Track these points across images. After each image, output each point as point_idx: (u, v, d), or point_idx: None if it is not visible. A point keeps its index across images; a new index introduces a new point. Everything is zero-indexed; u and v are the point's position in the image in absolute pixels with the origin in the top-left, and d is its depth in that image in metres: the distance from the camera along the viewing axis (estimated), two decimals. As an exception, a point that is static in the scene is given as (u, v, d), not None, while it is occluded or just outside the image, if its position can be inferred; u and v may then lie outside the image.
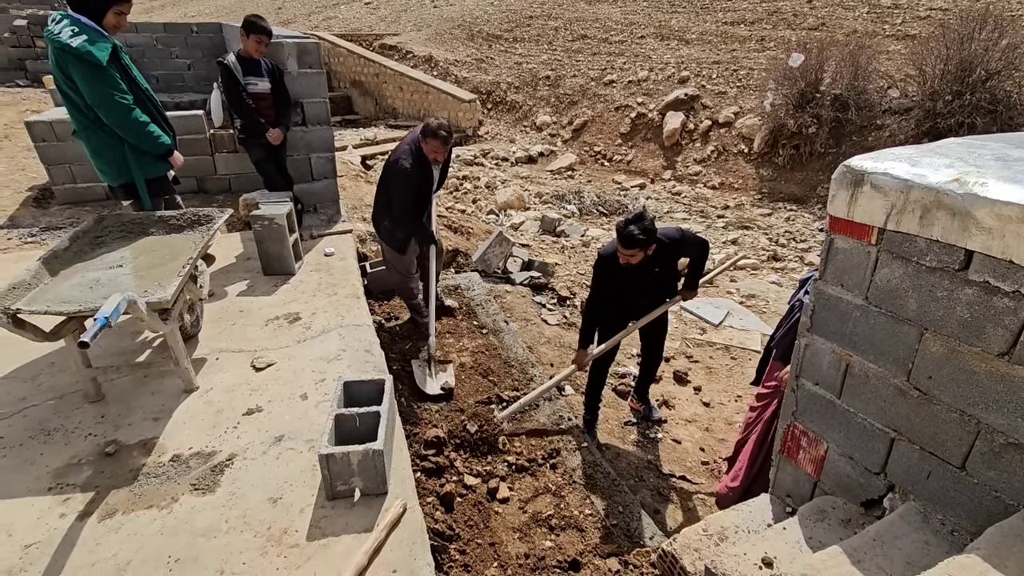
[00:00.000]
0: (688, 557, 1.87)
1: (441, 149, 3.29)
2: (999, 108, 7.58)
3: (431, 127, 3.23)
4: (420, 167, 3.34)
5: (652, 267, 2.94)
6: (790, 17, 11.86)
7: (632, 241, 2.71)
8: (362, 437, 2.00)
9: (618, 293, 3.06)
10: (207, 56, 7.18)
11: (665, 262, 3.00)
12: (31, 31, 9.74)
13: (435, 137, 3.22)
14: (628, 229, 2.70)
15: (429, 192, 3.54)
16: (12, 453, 2.16)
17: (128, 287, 2.31)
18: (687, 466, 3.35)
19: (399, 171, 3.29)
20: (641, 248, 2.74)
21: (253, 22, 3.79)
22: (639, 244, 2.71)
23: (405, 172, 3.28)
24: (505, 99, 12.63)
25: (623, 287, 3.02)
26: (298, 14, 21.22)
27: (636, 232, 2.69)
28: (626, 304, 3.17)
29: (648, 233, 2.71)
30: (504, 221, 7.61)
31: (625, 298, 3.11)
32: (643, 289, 3.09)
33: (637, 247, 2.73)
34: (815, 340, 1.81)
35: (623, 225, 2.73)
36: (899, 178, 1.46)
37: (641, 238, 2.70)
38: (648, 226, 2.72)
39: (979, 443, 1.45)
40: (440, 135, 3.21)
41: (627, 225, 2.71)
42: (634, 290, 3.06)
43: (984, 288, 1.35)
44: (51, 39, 2.64)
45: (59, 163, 4.67)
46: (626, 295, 3.09)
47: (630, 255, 2.78)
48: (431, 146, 3.26)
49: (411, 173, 3.29)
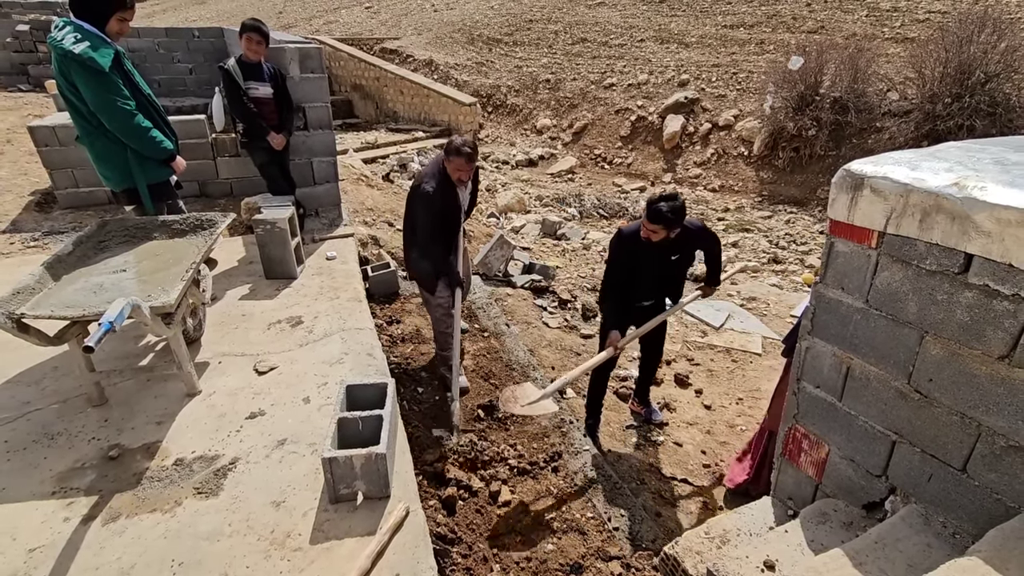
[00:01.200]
0: (690, 560, 1.87)
1: (466, 167, 3.08)
2: (998, 111, 7.59)
3: (454, 144, 3.05)
4: (444, 189, 3.12)
5: (670, 253, 2.97)
6: (789, 20, 11.89)
7: (658, 216, 2.74)
8: (365, 440, 2.01)
9: (632, 275, 3.05)
10: (209, 61, 7.21)
11: (685, 250, 3.04)
12: (33, 36, 9.77)
13: (458, 155, 3.03)
14: (658, 204, 2.75)
15: (458, 217, 3.30)
16: (16, 457, 2.16)
17: (132, 291, 2.32)
18: (689, 469, 3.35)
19: (422, 195, 3.09)
20: (665, 226, 2.78)
21: (245, 22, 3.82)
22: (664, 221, 2.75)
23: (428, 196, 3.07)
24: (505, 102, 12.67)
25: (638, 269, 3.02)
26: (299, 18, 21.30)
27: (664, 209, 2.73)
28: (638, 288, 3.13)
29: (676, 212, 2.75)
30: (505, 224, 7.62)
31: (637, 282, 3.09)
32: (657, 274, 3.09)
33: (661, 224, 2.76)
34: (816, 343, 1.82)
35: (653, 200, 2.78)
36: (899, 182, 1.47)
37: (668, 216, 2.73)
38: (677, 206, 2.76)
39: (980, 446, 1.45)
40: (464, 152, 3.03)
41: (657, 200, 2.77)
42: (647, 274, 3.05)
43: (984, 291, 1.36)
44: (54, 45, 2.66)
45: (62, 167, 4.69)
46: (639, 279, 3.07)
47: (652, 230, 2.81)
48: (455, 164, 3.06)
49: (434, 197, 3.08)
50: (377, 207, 6.09)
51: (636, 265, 3.01)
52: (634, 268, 3.03)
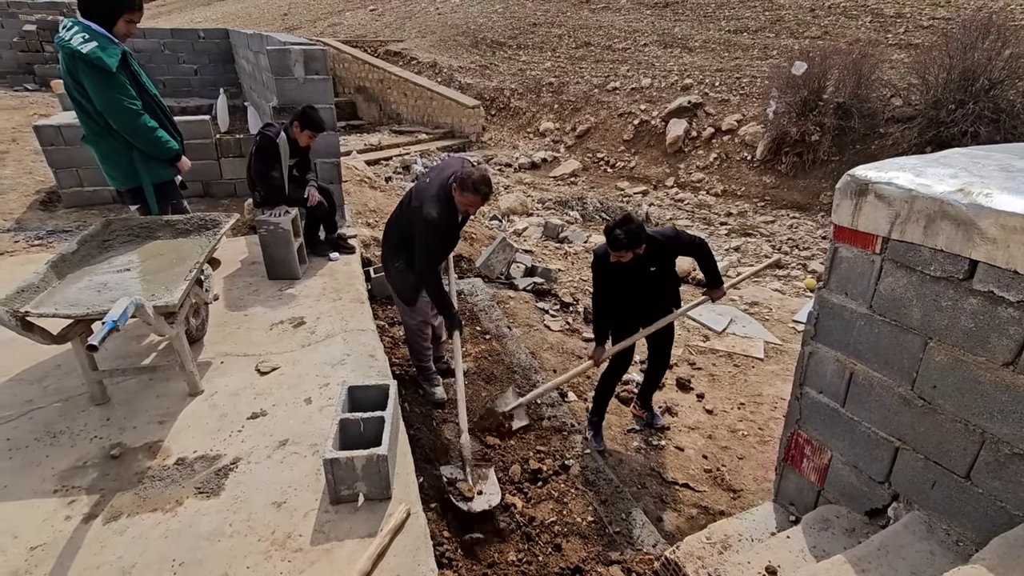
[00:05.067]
0: (691, 565, 1.87)
1: (477, 205, 2.86)
2: (1002, 117, 7.58)
3: (472, 181, 2.74)
4: (448, 216, 2.88)
5: (647, 266, 3.03)
6: (793, 26, 11.90)
7: (616, 243, 2.82)
8: (366, 442, 2.01)
9: (618, 291, 3.13)
10: (214, 61, 7.25)
11: (660, 261, 3.07)
12: (40, 36, 9.84)
13: (475, 192, 2.76)
14: (613, 233, 2.82)
15: (452, 245, 3.18)
16: (18, 455, 2.17)
17: (135, 291, 2.32)
18: (690, 473, 3.34)
19: (425, 220, 2.81)
20: (627, 249, 2.85)
21: (315, 117, 3.59)
22: (623, 246, 2.83)
23: (432, 222, 2.80)
24: (508, 105, 12.69)
25: (620, 284, 3.10)
26: (303, 20, 21.36)
27: (620, 235, 2.81)
28: (629, 303, 3.21)
29: (631, 236, 2.81)
30: (507, 227, 7.63)
31: (626, 296, 3.17)
32: (640, 287, 3.15)
33: (622, 249, 2.84)
34: (819, 348, 1.82)
35: (608, 229, 2.86)
36: (903, 188, 1.47)
37: (624, 240, 2.81)
38: (633, 229, 2.82)
39: (984, 453, 1.45)
40: (481, 191, 2.77)
41: (612, 229, 2.84)
42: (631, 288, 3.13)
43: (989, 298, 1.35)
44: (62, 45, 2.67)
45: (66, 167, 4.71)
46: (626, 293, 3.15)
47: (619, 255, 2.89)
48: (467, 200, 2.81)
49: (438, 223, 2.82)
50: (380, 209, 6.10)
51: (618, 282, 3.09)
52: (617, 284, 3.10)
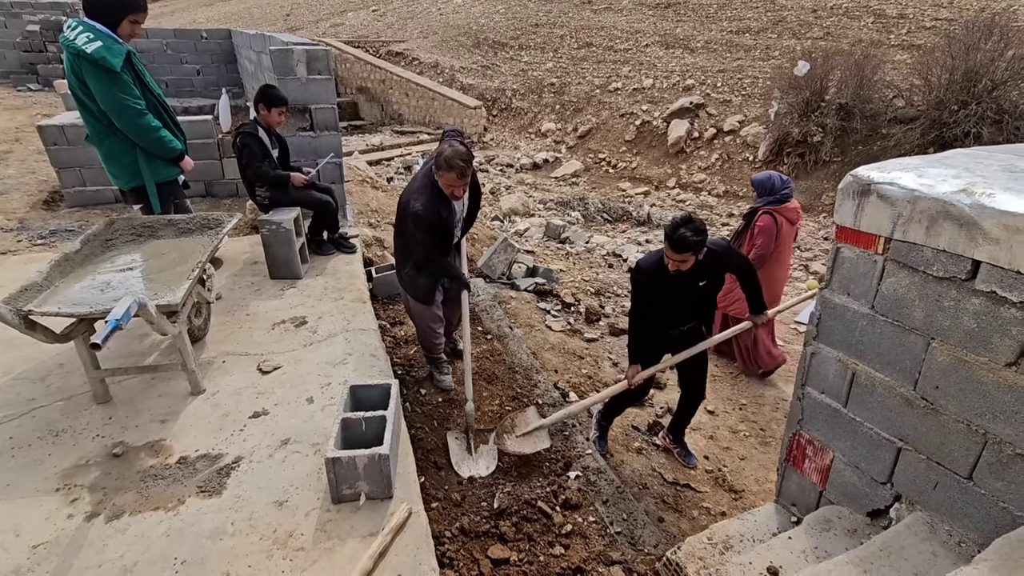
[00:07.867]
0: (693, 566, 1.86)
1: (457, 183, 2.68)
2: (1005, 118, 7.57)
3: (444, 157, 2.61)
4: (436, 204, 2.76)
5: (697, 279, 2.71)
6: (795, 27, 11.90)
7: (684, 244, 2.46)
8: (368, 441, 2.01)
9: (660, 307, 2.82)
10: (216, 62, 7.27)
11: (712, 275, 2.77)
12: (43, 36, 9.86)
13: (449, 169, 2.61)
14: (679, 232, 2.46)
15: (451, 234, 3.01)
16: (21, 453, 2.17)
17: (138, 290, 2.33)
18: (691, 474, 3.34)
19: (412, 214, 2.73)
20: (693, 252, 2.51)
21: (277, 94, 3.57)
22: (691, 247, 2.48)
23: (417, 215, 2.71)
24: (510, 106, 12.69)
25: (665, 299, 2.79)
26: (306, 21, 21.40)
27: (687, 234, 2.45)
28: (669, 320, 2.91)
29: (700, 235, 2.48)
30: (509, 227, 7.63)
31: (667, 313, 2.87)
32: (686, 303, 2.85)
33: (689, 251, 2.49)
34: (821, 348, 1.82)
35: (672, 228, 2.49)
36: (906, 188, 1.47)
37: (694, 240, 2.46)
38: (700, 227, 2.49)
39: (986, 453, 1.45)
40: (456, 166, 2.60)
41: (676, 228, 2.48)
42: (676, 303, 2.82)
43: (991, 298, 1.35)
44: (67, 45, 2.68)
45: (69, 166, 4.72)
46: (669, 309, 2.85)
47: (681, 260, 2.53)
48: (445, 179, 2.67)
49: (423, 215, 2.71)
50: (382, 209, 6.11)
51: (663, 297, 2.76)
52: (661, 300, 2.78)
